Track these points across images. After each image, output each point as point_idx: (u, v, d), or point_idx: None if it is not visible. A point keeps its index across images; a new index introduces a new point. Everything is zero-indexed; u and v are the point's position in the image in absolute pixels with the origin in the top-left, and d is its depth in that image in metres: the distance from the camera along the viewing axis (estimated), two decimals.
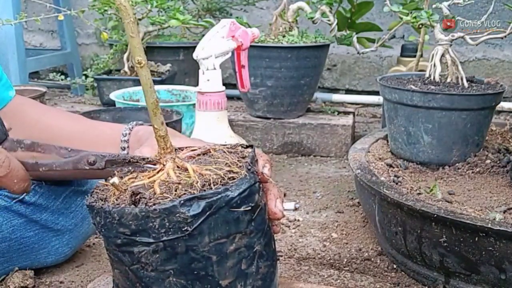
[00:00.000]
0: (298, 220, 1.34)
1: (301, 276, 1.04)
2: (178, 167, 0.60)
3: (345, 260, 1.14)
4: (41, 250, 1.00)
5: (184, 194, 0.55)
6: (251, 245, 0.60)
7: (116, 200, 0.58)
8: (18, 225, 0.96)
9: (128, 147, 0.84)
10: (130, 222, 0.55)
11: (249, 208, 0.59)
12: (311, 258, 1.15)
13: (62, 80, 2.39)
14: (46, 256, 1.01)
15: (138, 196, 0.56)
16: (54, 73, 2.42)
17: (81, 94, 2.54)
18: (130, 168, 0.64)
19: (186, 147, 0.67)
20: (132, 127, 0.86)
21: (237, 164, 0.60)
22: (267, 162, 0.67)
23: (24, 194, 0.95)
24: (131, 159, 0.64)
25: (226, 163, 0.61)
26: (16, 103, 0.94)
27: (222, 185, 0.57)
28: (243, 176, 0.58)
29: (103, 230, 0.58)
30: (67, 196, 1.01)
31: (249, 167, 0.60)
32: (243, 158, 0.62)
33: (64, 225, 1.01)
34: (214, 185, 0.56)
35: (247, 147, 0.66)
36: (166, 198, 0.55)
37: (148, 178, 0.60)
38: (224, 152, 0.64)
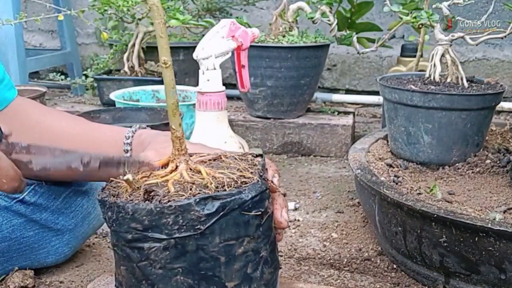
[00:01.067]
0: (298, 220, 1.34)
1: (301, 276, 1.04)
2: (190, 169, 0.61)
3: (345, 260, 1.14)
4: (41, 250, 1.00)
5: (199, 193, 0.56)
6: (258, 250, 0.61)
7: (129, 196, 0.59)
8: (18, 225, 0.96)
9: (131, 149, 0.84)
10: (144, 218, 0.55)
11: (259, 213, 0.60)
12: (311, 258, 1.15)
13: (62, 80, 2.39)
14: (46, 256, 1.01)
15: (151, 194, 0.57)
16: (54, 73, 2.42)
17: (81, 94, 2.54)
18: (125, 169, 0.64)
19: (195, 153, 0.68)
20: (135, 130, 0.86)
21: (248, 170, 0.62)
22: (276, 172, 0.68)
23: (20, 194, 0.95)
24: (125, 161, 0.65)
25: (238, 169, 0.62)
26: (17, 104, 0.94)
27: (236, 188, 0.58)
28: (255, 181, 0.60)
29: (114, 225, 0.59)
30: (67, 196, 1.01)
31: (261, 174, 0.61)
32: (254, 165, 0.64)
33: (64, 225, 1.01)
34: (228, 187, 0.57)
35: (257, 156, 0.67)
36: (181, 196, 0.56)
37: (161, 177, 0.61)
38: (235, 158, 0.65)
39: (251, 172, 0.61)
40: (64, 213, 1.00)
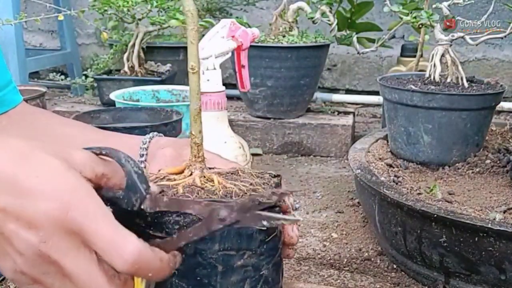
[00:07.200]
0: (298, 220, 1.34)
1: (301, 276, 1.04)
2: (204, 176, 0.62)
3: (345, 260, 1.14)
4: None
5: (205, 197, 0.56)
6: (259, 267, 0.60)
7: None
8: None
9: (146, 154, 0.84)
10: (147, 214, 0.56)
11: (264, 228, 0.59)
12: (311, 258, 1.15)
13: (62, 80, 2.39)
14: None
15: (161, 192, 0.57)
16: (54, 73, 2.42)
17: (81, 94, 2.54)
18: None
19: (213, 167, 0.68)
20: (153, 137, 0.86)
21: (261, 186, 0.62)
22: (291, 194, 0.68)
23: None
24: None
25: (251, 183, 0.62)
26: (23, 107, 0.94)
27: None
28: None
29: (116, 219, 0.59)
30: None
31: (273, 191, 0.61)
32: (268, 184, 0.64)
33: None
34: (235, 196, 0.57)
35: (274, 176, 0.67)
36: (187, 197, 0.56)
37: (174, 180, 0.61)
38: (252, 175, 0.65)
39: (263, 188, 0.61)
40: None
